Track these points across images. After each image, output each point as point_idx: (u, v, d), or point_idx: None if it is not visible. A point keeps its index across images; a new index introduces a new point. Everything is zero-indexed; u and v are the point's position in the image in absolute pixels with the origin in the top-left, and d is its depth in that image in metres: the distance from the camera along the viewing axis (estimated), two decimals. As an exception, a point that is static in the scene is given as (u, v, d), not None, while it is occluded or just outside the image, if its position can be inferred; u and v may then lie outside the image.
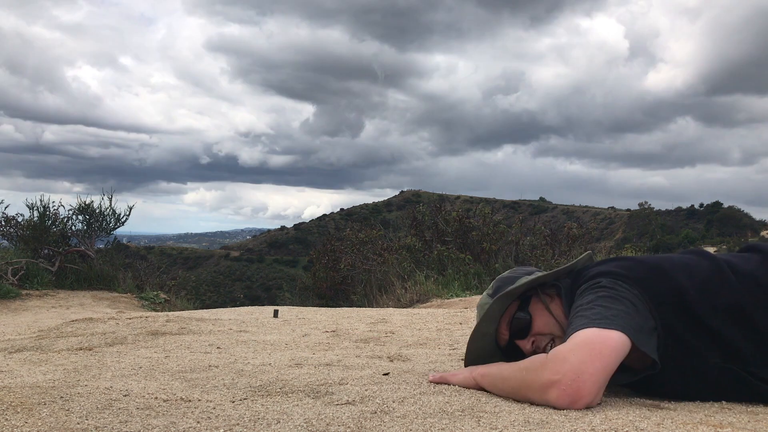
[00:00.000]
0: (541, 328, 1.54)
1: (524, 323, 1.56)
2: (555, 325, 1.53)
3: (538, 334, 1.55)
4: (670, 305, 1.37)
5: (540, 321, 1.55)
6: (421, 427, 1.12)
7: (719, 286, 1.38)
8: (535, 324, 1.55)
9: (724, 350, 1.34)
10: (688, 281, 1.39)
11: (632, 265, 1.47)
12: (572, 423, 1.13)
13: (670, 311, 1.36)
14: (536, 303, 1.57)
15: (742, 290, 1.37)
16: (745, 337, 1.33)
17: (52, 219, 7.87)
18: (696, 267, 1.44)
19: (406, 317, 3.51)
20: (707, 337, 1.35)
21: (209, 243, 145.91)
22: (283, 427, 1.12)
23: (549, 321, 1.54)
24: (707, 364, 1.35)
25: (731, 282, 1.38)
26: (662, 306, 1.37)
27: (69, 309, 5.97)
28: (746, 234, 57.83)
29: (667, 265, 1.45)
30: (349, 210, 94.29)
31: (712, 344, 1.34)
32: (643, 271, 1.43)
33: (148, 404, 1.30)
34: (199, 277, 32.47)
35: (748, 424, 1.13)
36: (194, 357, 2.06)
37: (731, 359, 1.33)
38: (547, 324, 1.54)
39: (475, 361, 1.64)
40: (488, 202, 7.56)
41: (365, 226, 10.89)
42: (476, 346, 1.64)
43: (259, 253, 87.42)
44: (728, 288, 1.37)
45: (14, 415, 1.18)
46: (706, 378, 1.36)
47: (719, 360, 1.34)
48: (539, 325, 1.55)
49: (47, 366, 1.86)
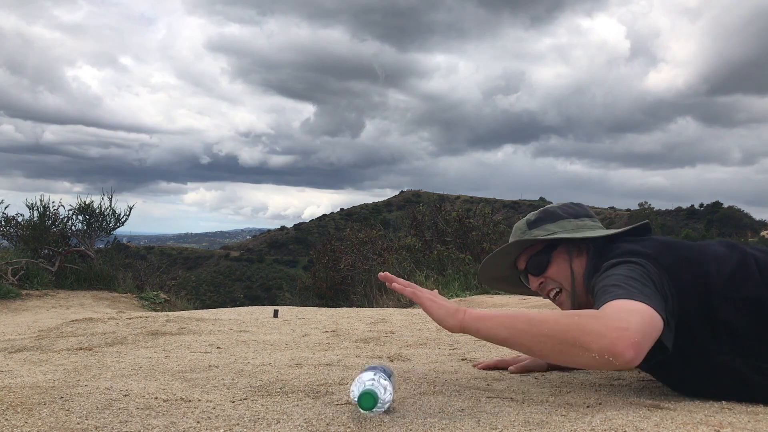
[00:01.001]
0: (554, 274, 1.58)
1: (541, 264, 1.59)
2: (568, 279, 1.56)
3: (550, 278, 1.59)
4: (691, 295, 1.34)
5: (556, 268, 1.58)
6: (421, 427, 1.12)
7: (743, 279, 1.35)
8: (550, 268, 1.59)
9: (735, 345, 1.32)
10: (714, 273, 1.36)
11: (663, 248, 1.43)
12: (572, 423, 1.13)
13: (689, 301, 1.34)
14: (562, 251, 1.58)
15: (764, 285, 1.34)
16: (761, 333, 1.31)
17: (52, 219, 7.88)
18: (725, 259, 1.39)
19: (406, 317, 3.51)
20: (720, 330, 1.33)
21: (209, 243, 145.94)
22: (283, 427, 1.12)
23: (565, 272, 1.57)
24: (714, 359, 1.34)
25: (755, 276, 1.35)
26: (683, 294, 1.34)
27: (69, 309, 5.96)
28: (746, 234, 57.83)
29: (696, 253, 1.41)
30: (349, 210, 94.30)
31: (723, 338, 1.33)
32: (673, 257, 1.40)
33: (148, 404, 1.30)
34: (199, 277, 32.47)
35: (748, 424, 1.13)
36: (194, 357, 2.06)
37: (742, 355, 1.32)
38: (561, 273, 1.57)
39: (486, 273, 1.72)
40: (488, 202, 7.55)
41: (365, 226, 10.90)
42: (494, 261, 1.69)
43: (259, 253, 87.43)
44: (752, 282, 1.34)
45: (14, 415, 1.18)
46: (711, 372, 1.35)
47: (727, 356, 1.33)
48: (554, 271, 1.58)
49: (47, 366, 1.86)
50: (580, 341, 1.17)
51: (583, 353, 1.17)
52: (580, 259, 1.57)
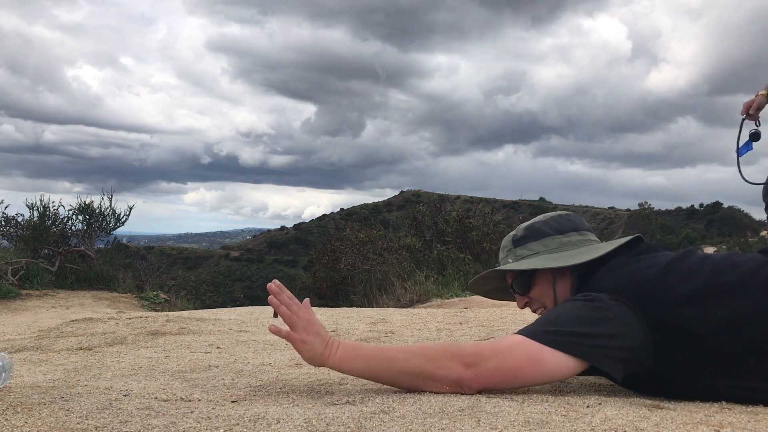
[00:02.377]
0: (537, 295, 1.61)
1: (525, 285, 1.62)
2: (551, 299, 1.58)
3: (534, 299, 1.62)
4: (666, 324, 1.33)
5: (539, 291, 1.60)
6: (421, 427, 1.12)
7: (721, 298, 1.32)
8: (534, 289, 1.61)
9: (719, 366, 1.30)
10: (695, 293, 1.33)
11: (635, 273, 1.41)
12: (572, 423, 1.13)
13: (665, 330, 1.33)
14: (545, 273, 1.59)
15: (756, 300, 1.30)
16: (745, 352, 1.28)
17: (52, 219, 7.88)
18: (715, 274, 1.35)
19: (406, 317, 3.51)
20: (703, 352, 1.30)
21: (209, 243, 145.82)
22: (283, 427, 1.12)
23: (548, 294, 1.59)
24: (699, 381, 1.33)
25: (748, 291, 1.31)
26: (656, 323, 1.33)
27: (69, 309, 5.96)
28: (746, 234, 57.77)
29: (678, 273, 1.38)
30: (349, 210, 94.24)
31: (707, 360, 1.31)
32: (644, 281, 1.38)
33: (148, 404, 1.30)
34: (199, 277, 32.44)
35: (748, 424, 1.13)
36: (194, 357, 2.06)
37: (727, 375, 1.30)
38: (544, 294, 1.59)
39: (477, 289, 1.80)
40: (488, 202, 7.53)
41: (365, 226, 10.89)
42: (482, 281, 1.75)
43: (259, 253, 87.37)
44: (742, 297, 1.31)
45: (14, 415, 1.18)
46: (697, 393, 1.34)
47: (711, 377, 1.31)
48: (537, 293, 1.60)
49: (47, 366, 1.86)
50: (434, 376, 1.34)
51: (438, 386, 1.35)
52: (563, 280, 1.56)
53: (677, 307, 1.34)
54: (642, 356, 1.34)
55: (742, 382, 1.30)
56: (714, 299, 1.32)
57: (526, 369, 1.32)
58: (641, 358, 1.34)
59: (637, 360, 1.34)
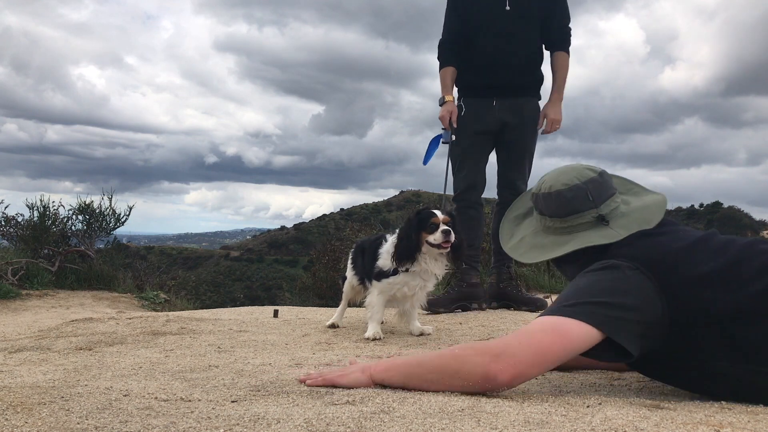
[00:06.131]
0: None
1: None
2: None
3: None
4: (685, 299, 1.32)
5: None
6: (421, 427, 1.12)
7: (750, 279, 1.31)
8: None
9: (735, 351, 1.30)
10: (718, 274, 1.32)
11: (659, 246, 1.41)
12: (572, 423, 1.13)
13: (682, 306, 1.32)
14: None
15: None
16: (762, 337, 1.28)
17: (52, 219, 7.87)
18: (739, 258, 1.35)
19: (406, 317, 3.51)
20: (719, 335, 1.30)
21: (209, 243, 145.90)
22: (283, 427, 1.12)
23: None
24: (714, 365, 1.32)
25: (752, 274, 1.31)
26: (675, 300, 1.32)
27: (69, 309, 5.96)
28: (746, 234, 57.80)
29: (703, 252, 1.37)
30: (349, 210, 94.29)
31: (722, 344, 1.30)
32: (668, 255, 1.38)
33: (148, 404, 1.30)
34: (199, 277, 32.45)
35: (748, 424, 1.13)
36: (194, 357, 2.06)
37: (743, 360, 1.29)
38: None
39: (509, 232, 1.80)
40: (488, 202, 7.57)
41: (365, 226, 10.88)
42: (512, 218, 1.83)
43: (259, 253, 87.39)
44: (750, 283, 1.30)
45: (14, 415, 1.18)
46: (711, 377, 1.34)
47: (727, 362, 1.31)
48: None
49: (47, 366, 1.86)
50: (459, 373, 1.34)
51: (466, 384, 1.33)
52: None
53: (697, 286, 1.32)
54: (656, 332, 1.33)
55: (756, 367, 1.29)
56: (735, 283, 1.31)
57: (554, 344, 1.29)
58: (656, 334, 1.33)
59: (651, 336, 1.33)
